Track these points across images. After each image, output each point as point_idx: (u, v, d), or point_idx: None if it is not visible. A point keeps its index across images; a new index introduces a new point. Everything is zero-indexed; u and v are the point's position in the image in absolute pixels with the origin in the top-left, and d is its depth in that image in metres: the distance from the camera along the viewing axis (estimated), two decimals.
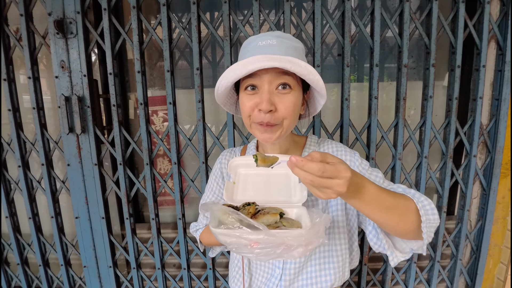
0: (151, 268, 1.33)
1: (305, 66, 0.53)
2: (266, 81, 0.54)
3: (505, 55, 1.05)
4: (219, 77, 0.57)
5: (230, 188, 0.64)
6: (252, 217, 0.51)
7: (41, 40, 1.06)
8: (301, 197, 0.59)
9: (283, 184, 0.63)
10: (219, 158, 0.77)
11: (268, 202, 0.59)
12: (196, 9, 1.01)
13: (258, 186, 0.64)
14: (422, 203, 0.53)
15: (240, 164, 0.66)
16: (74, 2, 1.02)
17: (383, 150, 1.10)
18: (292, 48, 0.56)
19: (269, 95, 0.54)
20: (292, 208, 0.57)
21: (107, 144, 1.12)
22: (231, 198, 0.62)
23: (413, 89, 1.19)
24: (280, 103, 0.54)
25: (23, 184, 1.16)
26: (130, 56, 1.32)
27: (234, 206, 0.56)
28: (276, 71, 0.53)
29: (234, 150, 0.78)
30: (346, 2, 1.01)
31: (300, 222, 0.52)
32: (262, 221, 0.49)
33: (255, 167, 0.56)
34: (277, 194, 0.61)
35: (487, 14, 1.02)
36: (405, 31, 1.02)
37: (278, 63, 0.50)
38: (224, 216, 0.50)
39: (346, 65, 1.04)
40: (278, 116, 0.55)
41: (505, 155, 1.14)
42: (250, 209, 0.53)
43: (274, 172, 0.64)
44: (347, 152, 0.65)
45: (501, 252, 1.26)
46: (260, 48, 0.55)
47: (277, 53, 0.53)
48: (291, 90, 0.55)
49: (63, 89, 1.06)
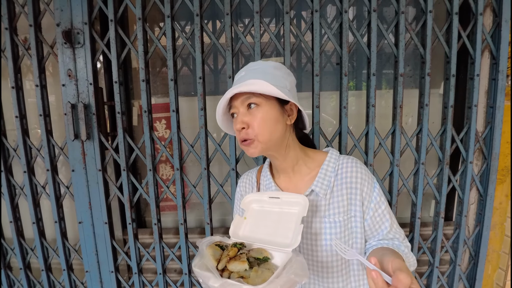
0: (153, 273, 1.34)
1: (258, 82, 0.59)
2: (239, 106, 0.63)
3: (498, 64, 1.08)
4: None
5: (239, 223, 0.67)
6: (229, 260, 0.53)
7: (49, 50, 1.10)
8: (294, 241, 0.57)
9: (284, 223, 0.63)
10: (239, 182, 0.82)
11: (263, 241, 0.61)
12: (199, 21, 1.05)
13: (261, 223, 0.65)
14: (407, 255, 0.65)
15: (253, 200, 0.70)
16: (81, 13, 1.06)
17: (381, 157, 1.13)
18: (259, 71, 0.63)
19: (240, 116, 0.63)
20: (280, 253, 0.56)
21: (111, 150, 1.14)
22: (237, 233, 0.65)
23: (410, 97, 1.22)
24: (252, 120, 0.61)
25: (28, 189, 1.18)
26: (134, 65, 1.36)
27: (223, 245, 0.59)
28: (243, 97, 0.62)
29: (251, 172, 0.81)
30: (343, 14, 1.04)
31: (274, 272, 0.51)
32: (232, 267, 0.52)
33: (266, 203, 0.62)
34: (275, 234, 0.62)
35: (480, 25, 1.05)
36: (401, 42, 1.05)
37: (237, 89, 0.60)
38: (204, 257, 0.55)
39: (344, 74, 1.07)
40: (251, 132, 0.61)
41: (501, 162, 1.16)
42: (230, 251, 0.55)
43: (280, 210, 0.65)
44: (371, 183, 0.66)
45: (499, 258, 1.27)
46: (235, 83, 0.66)
47: (242, 81, 0.62)
48: (258, 107, 0.62)
49: (70, 96, 1.10)
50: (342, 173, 0.66)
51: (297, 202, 0.63)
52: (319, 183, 0.66)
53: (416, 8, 1.38)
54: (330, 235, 0.64)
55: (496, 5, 1.06)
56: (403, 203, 1.26)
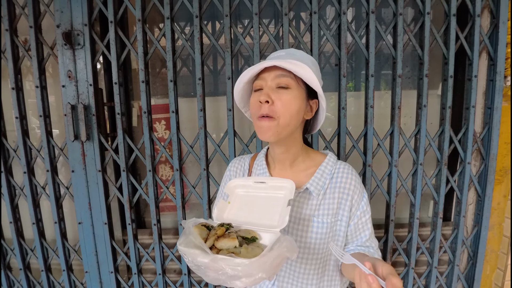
0: (152, 273, 1.35)
1: (302, 66, 0.58)
2: (268, 80, 0.61)
3: (496, 65, 1.09)
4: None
5: (223, 207, 0.66)
6: (216, 238, 0.52)
7: (49, 51, 1.10)
8: (282, 222, 0.57)
9: (271, 207, 0.63)
10: (229, 166, 0.80)
11: (249, 223, 0.60)
12: (198, 22, 1.06)
13: (247, 207, 0.65)
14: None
15: (238, 185, 0.68)
16: (81, 15, 1.06)
17: (379, 157, 1.13)
18: (300, 58, 0.62)
19: (268, 90, 0.61)
20: (268, 234, 0.56)
21: (111, 151, 1.15)
22: (221, 217, 0.64)
23: (409, 98, 1.23)
24: (278, 99, 0.60)
25: (27, 190, 1.18)
26: (134, 66, 1.36)
27: (209, 226, 0.57)
28: (277, 73, 0.61)
29: (244, 158, 0.80)
30: (342, 15, 1.05)
31: (263, 249, 0.51)
32: (221, 245, 0.50)
33: (251, 188, 0.60)
34: (261, 217, 0.61)
35: (478, 27, 1.06)
36: (399, 43, 1.06)
37: (277, 62, 0.59)
38: (190, 234, 0.52)
39: (343, 75, 1.08)
40: (275, 109, 0.60)
41: (499, 162, 1.17)
42: (218, 230, 0.54)
43: (265, 194, 0.66)
44: (361, 192, 0.69)
45: (497, 258, 1.27)
46: (269, 58, 0.65)
47: (280, 59, 0.61)
48: (289, 89, 0.61)
49: (69, 97, 1.10)
50: (338, 178, 0.68)
51: (283, 187, 0.63)
52: (314, 183, 0.67)
53: (414, 9, 1.39)
54: (316, 234, 0.66)
55: (494, 7, 1.07)
56: (401, 203, 1.27)
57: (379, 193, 1.15)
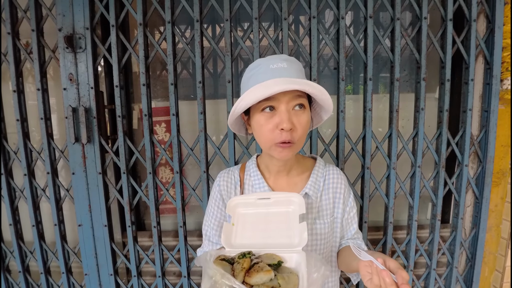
0: (152, 276, 1.34)
1: (318, 87, 0.57)
2: (284, 102, 0.57)
3: (492, 69, 1.11)
4: (236, 101, 0.60)
5: (228, 230, 0.61)
6: (246, 273, 0.48)
7: (51, 54, 1.11)
8: (301, 239, 0.55)
9: (283, 223, 0.60)
10: (217, 181, 0.76)
11: (267, 245, 0.57)
12: (199, 26, 1.07)
13: (257, 227, 0.62)
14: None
15: (239, 203, 0.65)
16: (83, 19, 1.07)
17: (378, 160, 1.14)
18: (299, 70, 0.62)
19: (288, 114, 0.57)
20: (291, 254, 0.54)
21: (111, 153, 1.15)
22: (230, 242, 0.60)
23: (407, 101, 1.24)
24: (298, 123, 0.58)
25: (28, 192, 1.18)
26: (135, 69, 1.37)
27: (228, 258, 0.53)
28: (294, 93, 0.57)
29: (232, 170, 0.77)
30: (341, 20, 1.07)
31: (297, 274, 0.49)
32: (256, 281, 0.46)
33: (254, 206, 0.58)
34: (277, 236, 0.59)
35: (474, 31, 1.08)
36: (397, 47, 1.08)
37: (298, 86, 0.54)
38: (217, 276, 0.47)
39: (341, 78, 1.09)
40: (295, 135, 0.58)
41: (496, 165, 1.18)
42: (244, 263, 0.50)
43: (274, 210, 0.62)
44: (349, 189, 0.75)
45: (496, 260, 1.28)
46: (274, 71, 0.58)
47: (290, 76, 0.58)
48: (305, 110, 0.60)
49: (71, 100, 1.11)
50: (329, 179, 0.72)
51: (290, 201, 0.62)
52: (311, 186, 0.69)
53: (411, 14, 1.41)
54: (320, 236, 0.69)
55: (489, 12, 1.09)
56: (400, 205, 1.27)
57: (378, 196, 1.16)
